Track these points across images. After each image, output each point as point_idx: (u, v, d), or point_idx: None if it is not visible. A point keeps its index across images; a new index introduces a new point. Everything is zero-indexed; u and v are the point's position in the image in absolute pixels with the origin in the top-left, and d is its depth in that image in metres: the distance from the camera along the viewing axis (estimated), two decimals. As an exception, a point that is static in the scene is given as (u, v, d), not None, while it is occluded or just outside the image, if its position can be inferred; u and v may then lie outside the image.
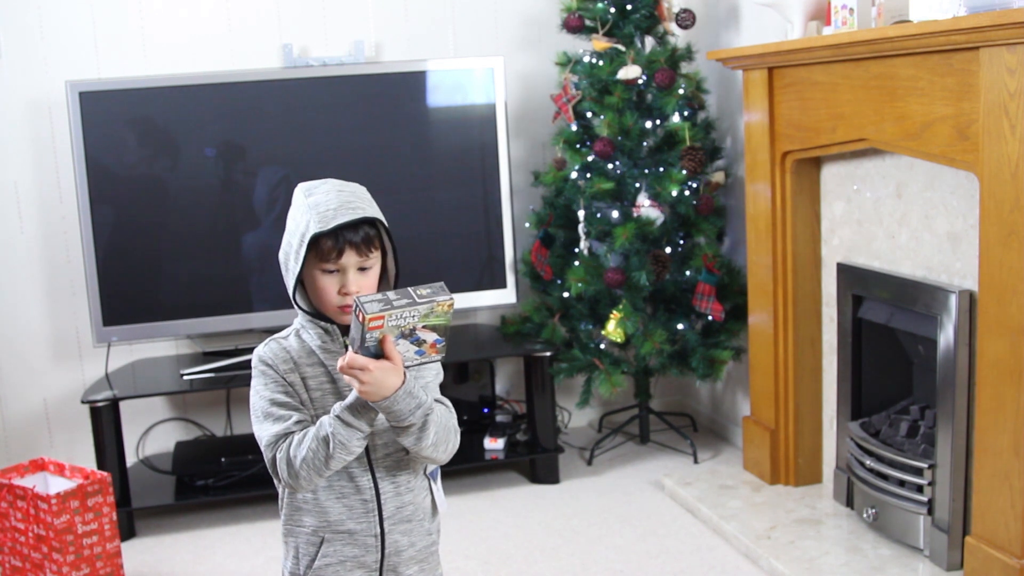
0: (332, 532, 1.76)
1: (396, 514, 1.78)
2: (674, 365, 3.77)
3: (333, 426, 1.63)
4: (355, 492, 1.75)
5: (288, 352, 1.75)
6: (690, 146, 3.60)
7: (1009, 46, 2.31)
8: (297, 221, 1.70)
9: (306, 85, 3.63)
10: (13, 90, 3.70)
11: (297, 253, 1.69)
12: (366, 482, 1.76)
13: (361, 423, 1.63)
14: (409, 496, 1.80)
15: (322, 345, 1.75)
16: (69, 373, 3.86)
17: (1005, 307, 2.43)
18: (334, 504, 1.75)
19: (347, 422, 1.63)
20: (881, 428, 3.08)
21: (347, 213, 1.68)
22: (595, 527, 3.34)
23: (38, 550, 2.96)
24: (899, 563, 2.85)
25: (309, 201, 1.70)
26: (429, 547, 1.85)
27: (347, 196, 1.71)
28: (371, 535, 1.77)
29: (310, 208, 1.68)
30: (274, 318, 3.62)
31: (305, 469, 1.65)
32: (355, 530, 1.76)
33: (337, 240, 1.67)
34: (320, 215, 1.67)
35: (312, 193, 1.72)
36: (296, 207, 1.73)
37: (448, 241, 3.79)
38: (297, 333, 1.78)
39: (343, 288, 1.70)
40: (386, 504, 1.77)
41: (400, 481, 1.78)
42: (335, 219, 1.67)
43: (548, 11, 4.03)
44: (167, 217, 3.60)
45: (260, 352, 1.76)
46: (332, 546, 1.77)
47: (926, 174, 2.83)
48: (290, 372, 1.73)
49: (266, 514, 3.53)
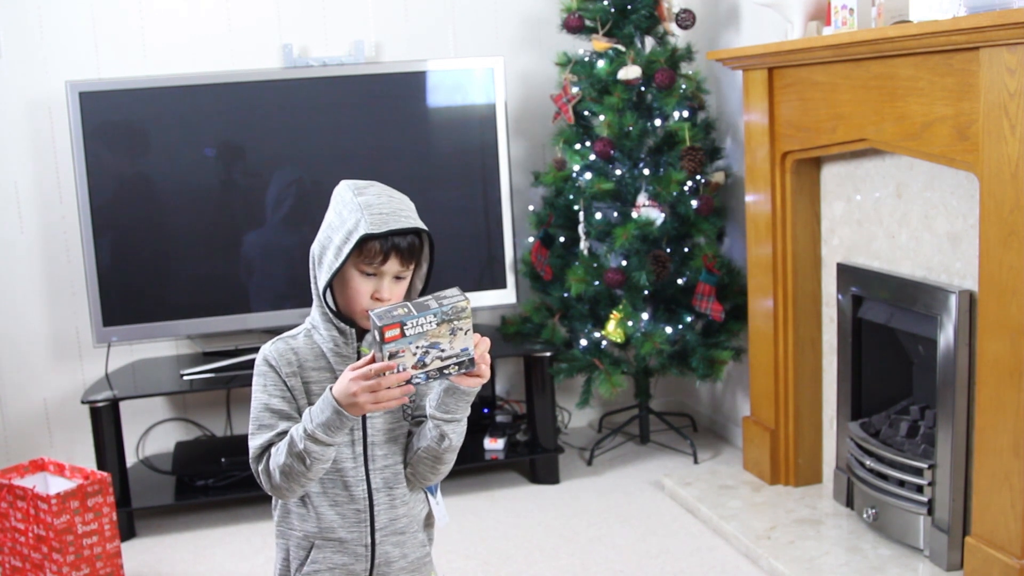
0: (323, 539, 1.74)
1: (389, 526, 1.76)
2: (674, 365, 3.77)
3: (305, 444, 1.60)
4: (349, 501, 1.73)
5: (295, 353, 1.71)
6: (690, 146, 3.60)
7: (1009, 46, 2.31)
8: (344, 218, 1.65)
9: (306, 85, 3.63)
10: (13, 90, 3.70)
11: (339, 249, 1.64)
12: (360, 492, 1.73)
13: (336, 438, 1.60)
14: (404, 509, 1.78)
15: (335, 348, 1.71)
16: (69, 373, 3.86)
17: (1005, 307, 2.43)
18: (327, 511, 1.73)
19: (321, 440, 1.59)
20: (881, 428, 3.08)
21: (400, 220, 1.65)
22: (595, 527, 3.34)
23: (38, 550, 2.96)
24: (899, 563, 2.85)
25: (360, 200, 1.65)
26: (422, 558, 1.83)
27: (398, 203, 1.68)
28: (362, 545, 1.75)
29: (361, 208, 1.64)
30: (274, 318, 3.62)
31: (285, 481, 1.64)
32: (346, 539, 1.74)
33: (386, 244, 1.64)
34: (373, 216, 1.63)
35: (362, 193, 1.68)
36: (343, 203, 1.67)
37: (448, 241, 3.78)
38: (308, 333, 1.74)
39: (376, 293, 1.67)
40: (379, 516, 1.75)
41: (396, 494, 1.76)
42: (388, 224, 1.63)
43: (548, 11, 4.03)
44: (167, 217, 3.60)
45: (266, 351, 1.72)
46: (322, 552, 1.75)
47: (926, 174, 2.83)
48: (292, 376, 1.70)
49: (266, 514, 3.53)
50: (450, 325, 1.52)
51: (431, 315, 1.50)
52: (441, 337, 1.52)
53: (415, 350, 1.51)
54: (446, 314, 1.51)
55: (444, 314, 1.51)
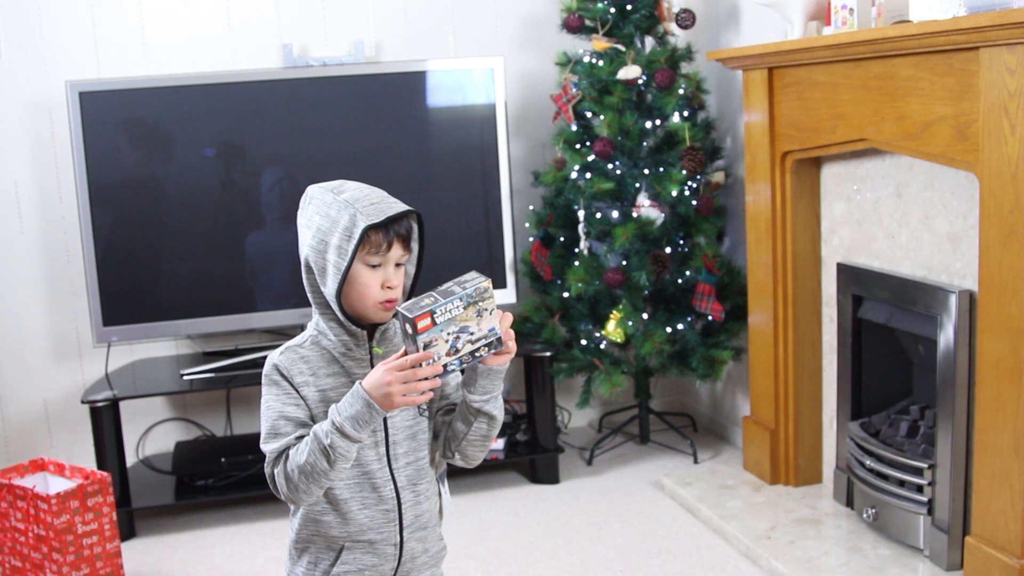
0: (352, 541, 1.74)
1: (415, 522, 1.77)
2: (674, 365, 3.77)
3: (331, 438, 1.59)
4: (378, 502, 1.73)
5: (305, 362, 1.69)
6: (690, 146, 3.60)
7: (1009, 46, 2.31)
8: (334, 218, 1.64)
9: (306, 85, 3.63)
10: (13, 90, 3.70)
11: (342, 248, 1.62)
12: (389, 492, 1.74)
13: (363, 434, 1.60)
14: (426, 504, 1.79)
15: (346, 352, 1.70)
16: (69, 373, 3.86)
17: (1005, 307, 2.43)
18: (358, 514, 1.73)
19: (348, 435, 1.59)
20: (881, 428, 3.08)
21: (392, 206, 1.66)
22: (595, 527, 3.34)
23: (38, 550, 2.96)
24: (899, 563, 2.85)
25: (344, 197, 1.65)
26: (440, 552, 1.85)
27: (380, 193, 1.69)
28: (391, 544, 1.75)
29: (349, 203, 1.63)
30: (274, 318, 3.62)
31: (304, 482, 1.62)
32: (375, 540, 1.74)
33: (388, 232, 1.65)
34: (367, 208, 1.63)
35: (343, 190, 1.67)
36: (326, 205, 1.66)
37: (448, 241, 3.79)
38: (315, 340, 1.72)
39: (387, 282, 1.67)
40: (406, 513, 1.76)
41: (420, 490, 1.77)
42: (383, 212, 1.63)
43: (548, 11, 4.03)
44: (167, 217, 3.60)
45: (276, 360, 1.70)
46: (352, 554, 1.75)
47: (926, 174, 2.83)
48: (304, 384, 1.68)
49: (266, 514, 3.53)
50: (476, 307, 1.56)
51: (457, 300, 1.54)
52: (469, 320, 1.56)
53: (447, 337, 1.54)
54: (471, 296, 1.55)
55: (469, 296, 1.55)
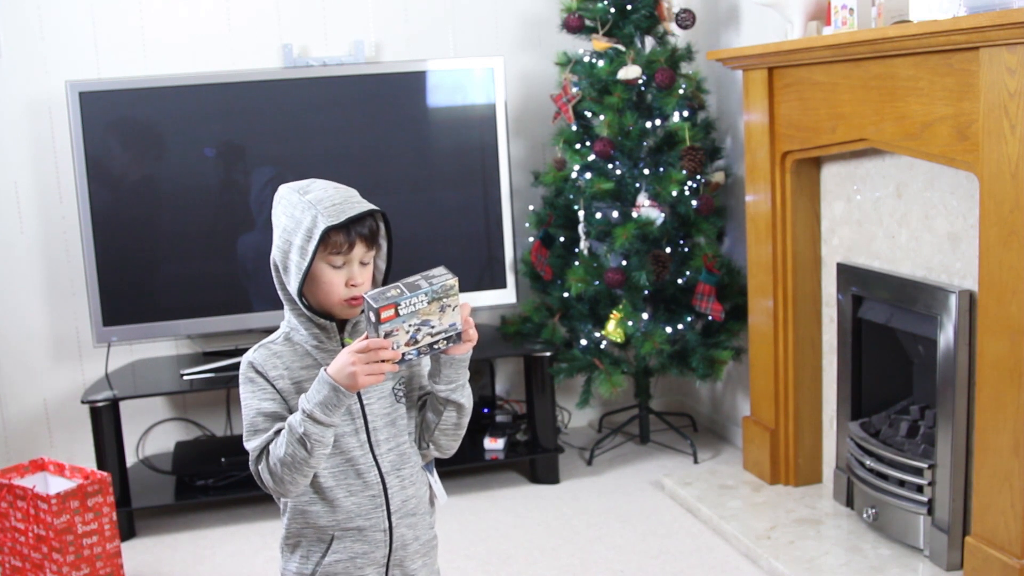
0: (342, 530, 1.77)
1: (402, 507, 1.80)
2: (674, 365, 3.77)
3: (305, 426, 1.63)
4: (364, 488, 1.76)
5: (279, 358, 1.74)
6: (690, 146, 3.60)
7: (1009, 46, 2.31)
8: (298, 219, 1.69)
9: (306, 85, 3.63)
10: (13, 90, 3.70)
11: (303, 249, 1.68)
12: (373, 477, 1.77)
13: (334, 418, 1.64)
14: (413, 489, 1.82)
15: (318, 345, 1.75)
16: (69, 373, 3.86)
17: (1005, 307, 2.43)
18: (344, 501, 1.76)
19: (320, 421, 1.63)
20: (881, 428, 3.08)
21: (354, 206, 1.70)
22: (595, 527, 3.34)
23: (38, 550, 2.96)
24: (899, 563, 2.85)
25: (308, 198, 1.69)
26: (431, 540, 1.87)
27: (345, 193, 1.73)
28: (380, 530, 1.78)
29: (312, 204, 1.68)
30: (274, 318, 3.58)
31: (288, 474, 1.66)
32: (364, 527, 1.77)
33: (349, 233, 1.69)
34: (328, 209, 1.67)
35: (309, 191, 1.72)
36: (291, 205, 1.71)
37: (448, 241, 3.79)
38: (287, 336, 1.77)
39: (351, 280, 1.71)
40: (393, 498, 1.78)
41: (404, 475, 1.80)
42: (344, 212, 1.68)
43: (548, 11, 4.03)
44: (167, 217, 3.60)
45: (250, 358, 1.75)
46: (342, 543, 1.77)
47: (926, 174, 2.83)
48: (280, 379, 1.73)
49: (266, 514, 3.53)
50: (440, 303, 1.61)
51: (422, 294, 1.59)
52: (431, 315, 1.61)
53: (408, 328, 1.60)
54: (436, 293, 1.60)
55: (434, 292, 1.60)
